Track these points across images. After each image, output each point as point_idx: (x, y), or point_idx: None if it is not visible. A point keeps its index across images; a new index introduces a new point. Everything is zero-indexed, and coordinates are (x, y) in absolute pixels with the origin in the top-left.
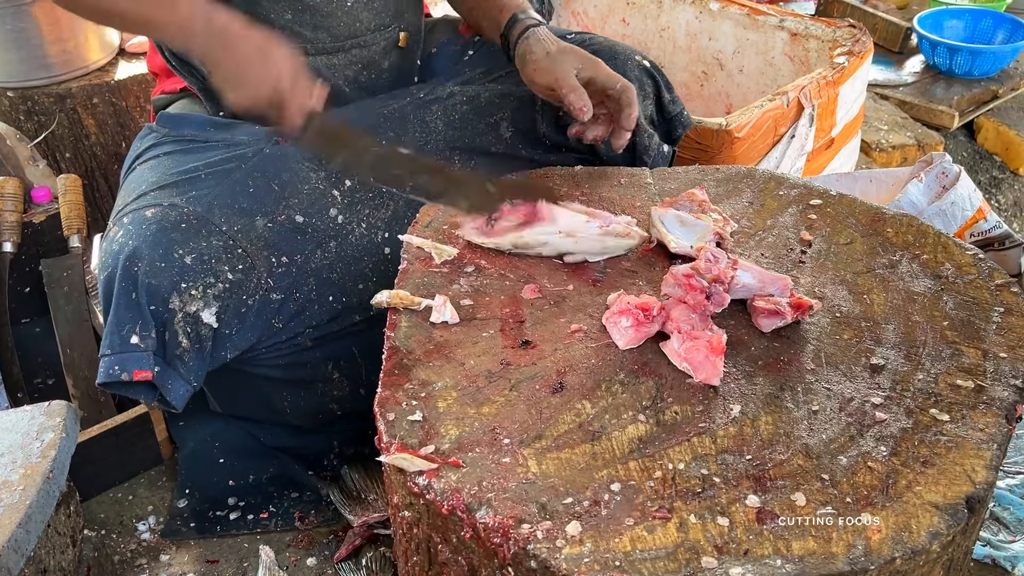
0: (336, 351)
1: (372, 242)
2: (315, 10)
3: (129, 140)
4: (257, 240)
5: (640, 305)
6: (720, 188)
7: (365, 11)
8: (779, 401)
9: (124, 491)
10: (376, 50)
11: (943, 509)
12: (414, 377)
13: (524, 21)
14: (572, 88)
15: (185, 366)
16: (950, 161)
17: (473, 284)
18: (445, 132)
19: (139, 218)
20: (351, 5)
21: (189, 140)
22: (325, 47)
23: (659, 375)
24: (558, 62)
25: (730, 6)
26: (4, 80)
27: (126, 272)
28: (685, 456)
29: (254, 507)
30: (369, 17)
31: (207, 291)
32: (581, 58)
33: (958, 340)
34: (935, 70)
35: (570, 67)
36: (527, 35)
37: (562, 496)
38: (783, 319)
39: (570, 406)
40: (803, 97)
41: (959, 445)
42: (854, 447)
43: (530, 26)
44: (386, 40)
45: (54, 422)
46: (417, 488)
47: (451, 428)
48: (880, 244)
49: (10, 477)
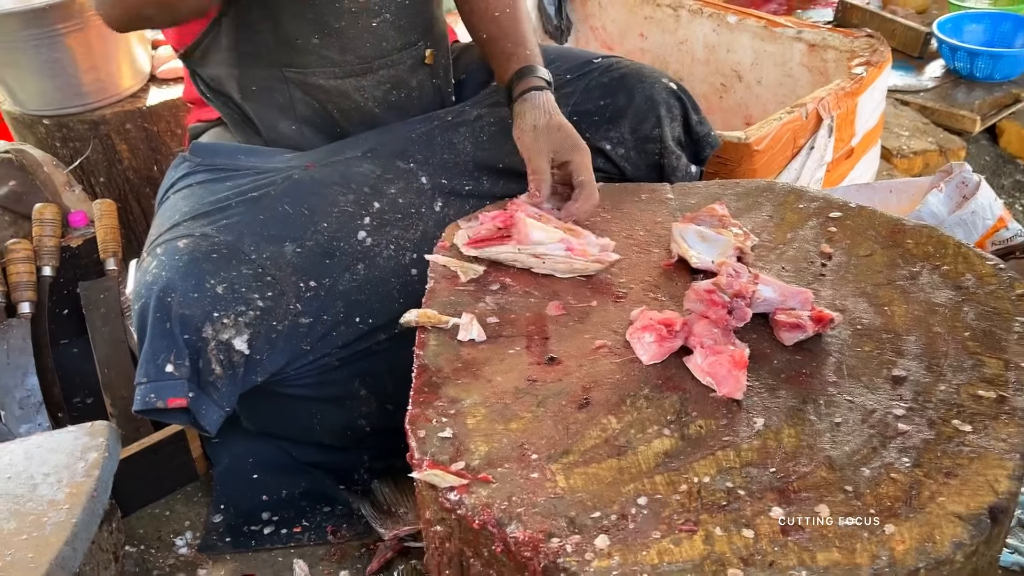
0: (363, 368)
1: (400, 263)
2: (342, 33)
3: (160, 164)
4: (286, 266)
5: (663, 320)
6: (740, 202)
7: (391, 30)
8: (802, 414)
9: (162, 507)
10: (404, 68)
11: (966, 519)
12: (443, 395)
13: (527, 81)
14: (536, 172)
15: (218, 392)
16: (970, 170)
17: (499, 302)
18: (473, 153)
19: (172, 249)
20: (376, 25)
21: (220, 169)
22: (353, 69)
23: (683, 389)
24: (539, 140)
25: (747, 19)
26: (40, 108)
27: (160, 303)
28: (710, 469)
29: (288, 521)
30: (395, 36)
31: (238, 319)
32: (562, 142)
33: (979, 351)
34: (956, 74)
35: (546, 149)
36: (525, 98)
37: (590, 510)
38: (805, 332)
39: (596, 421)
40: (822, 108)
41: (982, 456)
42: (877, 458)
43: (530, 89)
44: (413, 58)
45: (97, 442)
46: (449, 504)
47: (480, 444)
48: (900, 256)
49: (56, 496)
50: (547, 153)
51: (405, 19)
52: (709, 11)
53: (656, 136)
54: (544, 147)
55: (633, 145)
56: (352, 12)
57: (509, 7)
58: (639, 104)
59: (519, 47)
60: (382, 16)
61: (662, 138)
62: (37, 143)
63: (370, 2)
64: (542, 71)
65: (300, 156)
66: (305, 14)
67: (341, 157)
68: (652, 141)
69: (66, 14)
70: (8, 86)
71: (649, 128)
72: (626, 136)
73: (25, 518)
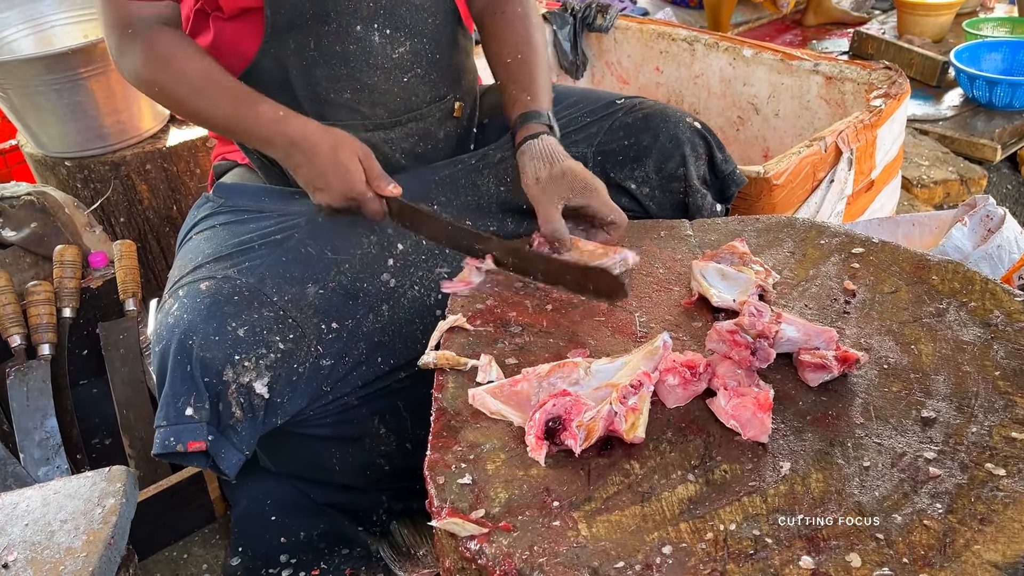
0: (382, 407)
1: (424, 304)
2: (373, 88)
3: (180, 204)
4: (307, 308)
5: (686, 363)
6: (760, 238)
7: (422, 85)
8: (829, 457)
9: (179, 550)
10: (432, 121)
11: (1003, 568)
12: (462, 439)
13: (526, 129)
14: (547, 222)
15: (238, 435)
16: (994, 204)
17: (517, 343)
18: (497, 194)
19: (194, 291)
20: (407, 80)
21: (244, 210)
22: (382, 122)
23: (707, 433)
24: (546, 192)
25: (763, 52)
26: (62, 151)
27: (181, 346)
28: (736, 516)
29: (305, 564)
30: (425, 90)
31: (259, 362)
32: (572, 185)
33: (1011, 390)
34: (974, 103)
35: (556, 198)
36: (523, 149)
37: (614, 560)
38: (830, 373)
39: (618, 466)
40: (841, 142)
41: (1017, 501)
42: (908, 504)
43: (528, 138)
44: (441, 111)
45: (115, 487)
46: (469, 553)
47: (500, 491)
48: (926, 292)
49: (73, 544)
50: (556, 202)
51: (436, 73)
52: (725, 45)
53: (681, 175)
54: (553, 197)
55: (658, 184)
56: (385, 68)
57: (520, 52)
58: (664, 143)
59: (523, 93)
60: (413, 71)
61: (687, 177)
62: (59, 185)
63: (403, 58)
64: (544, 115)
65: None
66: (339, 70)
67: None
68: (677, 180)
69: (88, 59)
70: (31, 129)
71: (674, 167)
72: (651, 175)
73: (42, 566)
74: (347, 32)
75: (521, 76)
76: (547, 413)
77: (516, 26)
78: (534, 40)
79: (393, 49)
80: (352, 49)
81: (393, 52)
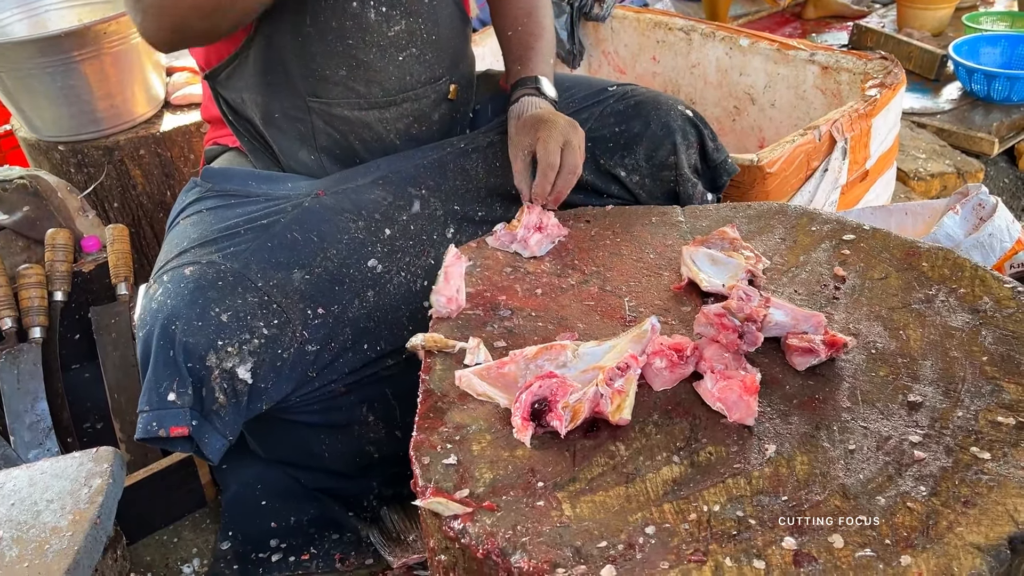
0: (370, 395)
1: (411, 291)
2: (368, 66)
3: (174, 189)
4: (293, 293)
5: (673, 346)
6: (752, 225)
7: (417, 65)
8: (815, 440)
9: (169, 534)
10: (427, 103)
11: (985, 550)
12: (448, 420)
13: (515, 94)
14: (517, 174)
15: (221, 421)
16: (987, 192)
17: (506, 326)
18: (486, 179)
19: (178, 276)
20: (403, 59)
21: (231, 195)
22: (377, 101)
23: (693, 415)
24: (514, 143)
25: (760, 42)
26: (56, 135)
27: (164, 331)
28: (720, 498)
29: (295, 549)
30: (421, 70)
31: (243, 347)
32: (531, 134)
33: (998, 376)
34: (973, 97)
35: (519, 149)
36: (509, 111)
37: (596, 540)
38: (817, 357)
39: (604, 448)
40: (835, 131)
41: (1001, 484)
42: (893, 487)
43: (514, 101)
44: (436, 93)
45: (102, 468)
46: (452, 532)
47: (485, 472)
48: (916, 279)
49: (59, 523)
50: (522, 149)
51: (432, 54)
52: (722, 34)
53: (671, 163)
54: (518, 149)
55: (648, 172)
56: (381, 46)
57: (521, 24)
58: (655, 131)
59: (516, 63)
60: (408, 51)
61: (677, 165)
62: (52, 169)
63: (399, 36)
64: (531, 80)
65: (311, 183)
66: (335, 46)
67: (352, 184)
68: (667, 168)
69: (81, 42)
70: (24, 113)
71: (664, 155)
72: (641, 163)
73: (27, 545)
74: (343, 8)
75: (517, 47)
76: (533, 394)
77: (520, 2)
78: (537, 12)
79: (389, 27)
80: (348, 25)
81: (389, 30)
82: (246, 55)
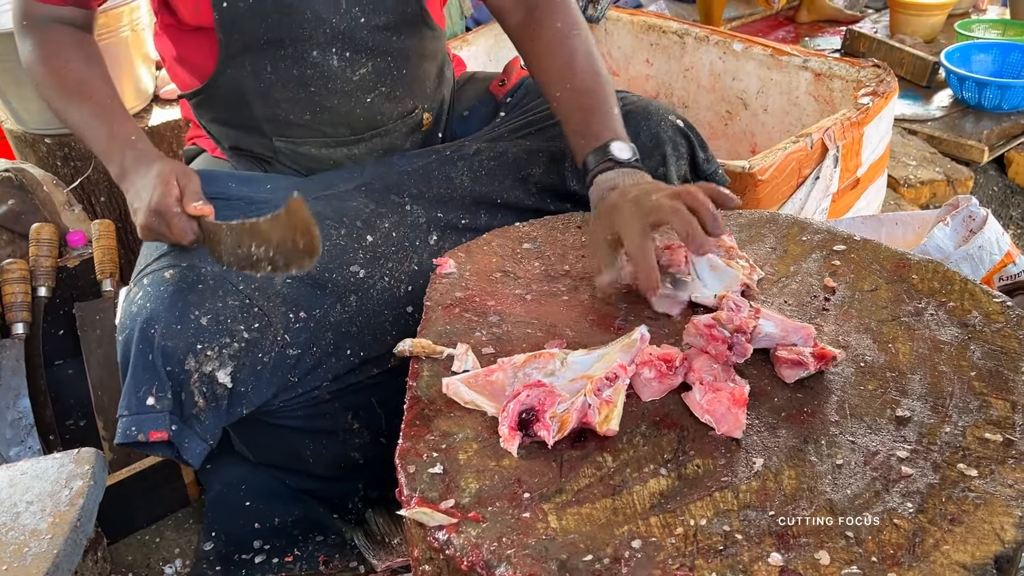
0: (355, 402)
1: (394, 296)
2: (334, 111)
3: None
4: (275, 296)
5: (662, 356)
6: (743, 233)
7: (387, 103)
8: (802, 454)
9: (152, 534)
10: (398, 135)
11: (971, 569)
12: (435, 428)
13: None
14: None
15: (201, 425)
16: (977, 204)
17: (495, 332)
18: (471, 187)
19: (158, 279)
20: (371, 101)
21: (211, 197)
22: (346, 140)
23: (681, 427)
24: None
25: (753, 47)
26: (42, 127)
27: (143, 335)
28: (707, 512)
29: (279, 550)
30: (391, 107)
31: (222, 351)
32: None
33: (986, 391)
34: (964, 104)
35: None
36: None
37: (582, 553)
38: (806, 369)
39: (591, 459)
40: (827, 138)
41: (988, 502)
42: (879, 503)
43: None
44: (408, 126)
45: (83, 469)
46: (437, 543)
47: (471, 481)
48: (905, 291)
49: (39, 525)
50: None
51: (402, 88)
52: (715, 39)
53: (661, 175)
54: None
55: None
56: (346, 91)
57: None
58: (644, 142)
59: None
60: (377, 90)
61: (667, 177)
62: (38, 162)
63: (364, 79)
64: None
65: (292, 186)
66: (297, 93)
67: (335, 191)
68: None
69: None
70: (10, 104)
71: (654, 166)
72: None
73: (6, 548)
74: (303, 57)
75: (569, 112)
76: (521, 404)
77: (555, 53)
78: (576, 61)
79: (354, 72)
80: (310, 73)
81: (354, 75)
82: (213, 91)
